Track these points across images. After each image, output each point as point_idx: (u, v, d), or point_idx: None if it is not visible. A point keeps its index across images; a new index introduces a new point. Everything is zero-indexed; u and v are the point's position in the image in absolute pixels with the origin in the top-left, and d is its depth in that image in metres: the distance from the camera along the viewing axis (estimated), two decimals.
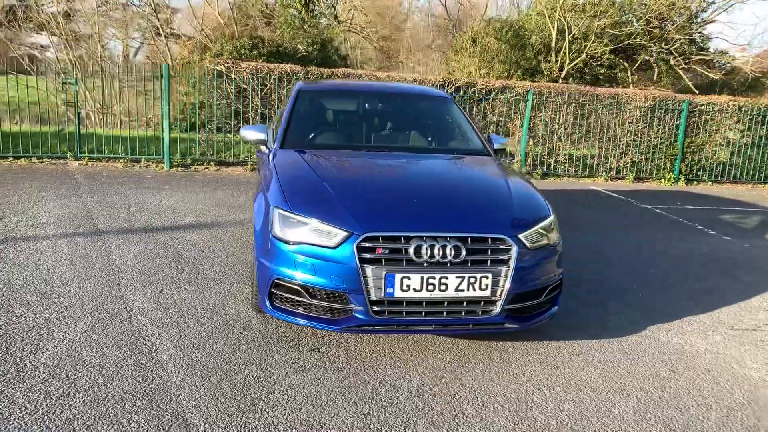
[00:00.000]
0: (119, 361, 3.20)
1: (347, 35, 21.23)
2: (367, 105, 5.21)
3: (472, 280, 3.24)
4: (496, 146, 4.87)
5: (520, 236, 3.41)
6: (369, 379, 3.19)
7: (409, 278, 3.18)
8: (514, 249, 3.33)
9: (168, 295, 4.17)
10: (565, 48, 16.83)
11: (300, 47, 15.70)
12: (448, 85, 10.71)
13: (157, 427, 2.65)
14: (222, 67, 10.14)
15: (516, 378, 3.31)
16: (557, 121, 11.18)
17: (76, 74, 9.53)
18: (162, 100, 9.71)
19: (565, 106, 11.15)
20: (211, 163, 9.99)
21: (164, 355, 3.30)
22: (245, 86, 10.17)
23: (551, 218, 3.70)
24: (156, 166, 9.60)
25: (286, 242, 3.32)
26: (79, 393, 2.87)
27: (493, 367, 3.42)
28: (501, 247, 3.32)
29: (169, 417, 2.73)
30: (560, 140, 11.28)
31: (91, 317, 3.72)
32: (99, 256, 4.88)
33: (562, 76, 17.18)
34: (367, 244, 3.18)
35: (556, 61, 17.27)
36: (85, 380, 2.99)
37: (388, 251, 3.20)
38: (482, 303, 3.31)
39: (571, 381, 3.31)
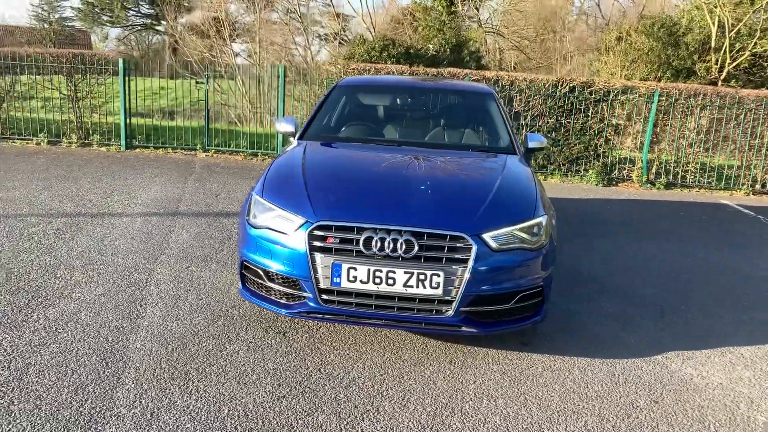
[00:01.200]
0: (105, 323, 3.59)
1: (488, 37, 20.93)
2: (399, 100, 5.20)
3: (422, 276, 3.14)
4: (531, 145, 4.60)
5: (485, 236, 3.22)
6: (310, 365, 3.23)
7: (355, 269, 3.16)
8: (474, 248, 3.16)
9: (191, 271, 4.54)
10: (726, 46, 15.04)
11: (430, 47, 15.81)
12: (561, 85, 10.17)
13: (94, 380, 2.95)
14: (333, 68, 10.60)
15: (462, 385, 3.13)
16: (687, 125, 10.08)
17: (206, 76, 10.54)
18: (278, 99, 10.43)
19: (698, 109, 10.01)
20: None
21: (146, 322, 3.63)
22: None
23: (536, 221, 3.44)
24: (267, 160, 10.34)
25: (254, 227, 3.48)
26: (53, 344, 3.29)
27: (446, 370, 3.27)
28: (458, 245, 3.17)
29: (109, 374, 3.02)
30: (691, 147, 10.16)
31: (111, 284, 4.20)
32: (159, 233, 5.44)
33: (722, 77, 15.39)
34: (319, 233, 3.22)
35: (716, 60, 15.50)
36: (66, 335, 3.41)
37: (338, 241, 3.21)
38: (435, 302, 3.19)
39: (521, 396, 3.06)
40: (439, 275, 3.14)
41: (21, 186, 6.91)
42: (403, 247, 3.14)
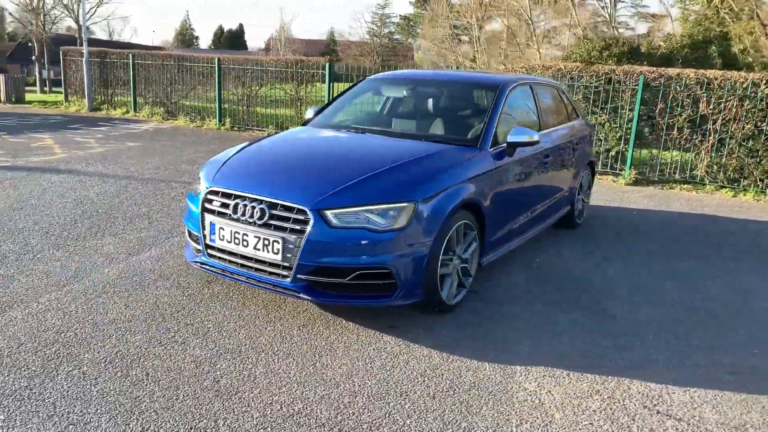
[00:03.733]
0: (67, 258, 4.69)
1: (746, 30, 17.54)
2: (412, 93, 5.24)
3: (266, 242, 3.47)
4: (512, 139, 4.32)
5: (327, 212, 3.38)
6: (200, 317, 3.77)
7: (223, 230, 3.64)
8: (311, 222, 3.36)
9: None
10: None
11: (662, 45, 14.22)
12: (765, 84, 8.42)
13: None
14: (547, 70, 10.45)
15: (325, 367, 3.11)
16: None
17: None
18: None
19: None
20: None
21: (101, 258, 4.63)
22: None
23: (395, 205, 3.42)
24: None
25: (191, 195, 4.17)
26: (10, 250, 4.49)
27: (332, 353, 3.38)
28: (300, 217, 3.40)
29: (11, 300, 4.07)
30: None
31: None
32: None
33: None
34: (209, 197, 3.78)
35: None
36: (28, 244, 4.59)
37: (219, 204, 3.73)
38: (280, 267, 3.47)
39: (371, 378, 3.13)
40: (279, 242, 3.42)
41: None
42: (257, 213, 3.51)
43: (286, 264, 3.41)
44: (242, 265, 3.61)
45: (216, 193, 3.72)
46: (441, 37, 26.39)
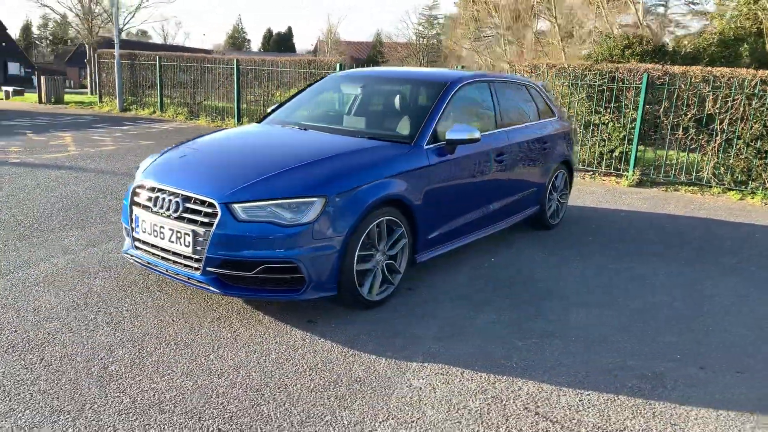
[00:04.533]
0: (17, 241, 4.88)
1: None
2: (364, 90, 5.22)
3: (178, 234, 3.55)
4: (451, 137, 4.28)
5: (235, 205, 3.43)
6: (121, 307, 3.90)
7: (146, 222, 3.75)
8: (219, 215, 3.42)
9: None
10: None
11: (684, 43, 13.72)
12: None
13: None
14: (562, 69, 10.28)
15: (219, 358, 3.19)
16: None
17: None
18: None
19: None
20: None
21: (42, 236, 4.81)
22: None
23: (302, 200, 3.45)
24: None
25: None
26: None
27: (233, 345, 3.51)
28: (209, 211, 3.47)
29: None
30: None
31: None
32: None
33: None
34: (137, 190, 3.90)
35: None
36: None
37: (145, 198, 3.83)
38: (192, 260, 3.55)
39: (258, 370, 3.19)
40: (189, 235, 3.49)
41: None
42: (173, 207, 3.59)
43: (196, 257, 3.49)
44: (162, 258, 3.70)
45: (143, 186, 3.83)
46: (473, 37, 26.16)
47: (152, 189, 3.75)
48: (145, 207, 3.76)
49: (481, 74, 5.27)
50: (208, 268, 3.47)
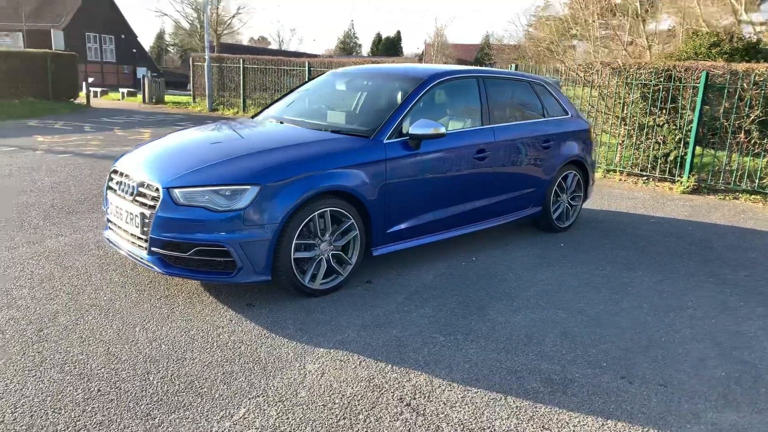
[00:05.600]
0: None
1: None
2: (349, 86, 5.30)
3: (131, 216, 3.86)
4: (414, 131, 4.29)
5: (175, 190, 3.68)
6: (77, 283, 4.28)
7: (112, 204, 4.11)
8: (161, 198, 3.69)
9: None
10: None
11: None
12: None
13: None
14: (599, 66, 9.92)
15: (143, 331, 3.55)
16: None
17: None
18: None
19: None
20: None
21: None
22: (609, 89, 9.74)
23: (235, 187, 3.62)
24: None
25: None
26: None
27: (163, 322, 3.79)
28: (155, 194, 3.75)
29: None
30: None
31: None
32: None
33: None
34: (112, 176, 4.27)
35: None
36: None
37: (114, 183, 4.18)
38: (142, 240, 3.83)
39: (168, 345, 3.43)
40: (138, 217, 3.78)
41: None
42: (130, 190, 3.91)
43: (143, 237, 3.77)
44: (123, 238, 4.02)
45: (115, 171, 4.19)
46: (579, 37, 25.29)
47: (120, 174, 4.09)
48: (113, 190, 4.10)
49: (467, 70, 5.20)
50: (152, 249, 3.73)
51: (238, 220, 3.60)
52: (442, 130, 4.31)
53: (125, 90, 24.25)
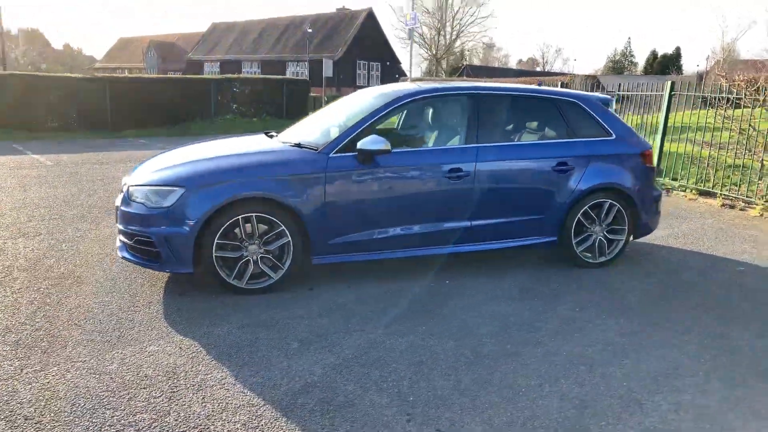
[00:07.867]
0: None
1: None
2: (353, 103, 5.35)
3: (118, 213, 4.64)
4: (362, 146, 4.37)
5: (131, 188, 4.42)
6: (91, 265, 5.18)
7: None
8: (123, 195, 4.45)
9: None
10: None
11: None
12: None
13: None
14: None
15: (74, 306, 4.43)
16: None
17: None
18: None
19: None
20: None
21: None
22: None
23: (166, 188, 4.21)
24: None
25: None
26: None
27: (113, 299, 4.58)
28: (124, 192, 4.52)
29: None
30: None
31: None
32: None
33: None
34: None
35: None
36: None
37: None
38: (119, 232, 4.61)
39: (96, 320, 4.17)
40: (119, 213, 4.56)
41: None
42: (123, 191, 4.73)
43: (121, 229, 4.54)
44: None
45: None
46: None
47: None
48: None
49: (457, 88, 4.96)
50: (120, 238, 4.50)
51: (164, 216, 4.16)
52: (385, 146, 4.31)
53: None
